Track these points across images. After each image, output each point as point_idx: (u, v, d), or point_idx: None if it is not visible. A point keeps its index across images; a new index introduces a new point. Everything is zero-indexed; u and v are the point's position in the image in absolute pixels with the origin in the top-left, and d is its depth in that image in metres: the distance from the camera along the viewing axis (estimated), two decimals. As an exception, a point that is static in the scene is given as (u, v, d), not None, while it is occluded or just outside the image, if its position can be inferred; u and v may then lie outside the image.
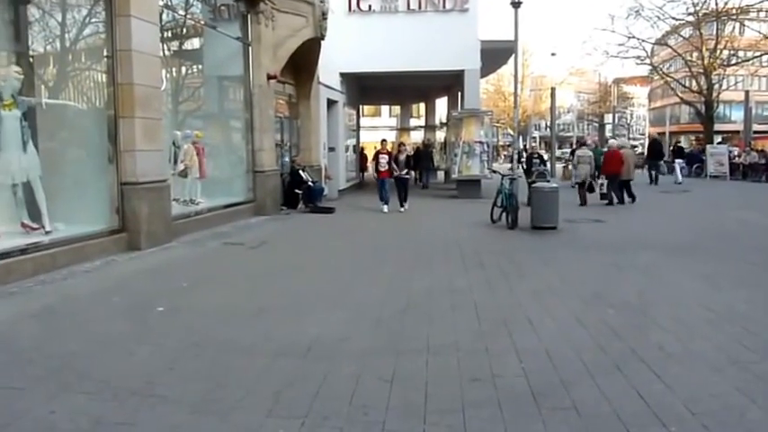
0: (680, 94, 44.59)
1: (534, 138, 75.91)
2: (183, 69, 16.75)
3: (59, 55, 11.61)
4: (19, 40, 10.19)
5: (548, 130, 75.67)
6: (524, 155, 25.08)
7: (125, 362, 5.49)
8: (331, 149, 24.05)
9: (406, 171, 19.04)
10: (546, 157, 28.67)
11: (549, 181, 16.78)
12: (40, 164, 9.91)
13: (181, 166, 14.75)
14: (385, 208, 18.24)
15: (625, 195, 20.34)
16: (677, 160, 33.09)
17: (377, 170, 18.97)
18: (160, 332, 6.37)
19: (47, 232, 9.91)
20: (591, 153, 21.63)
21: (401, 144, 19.69)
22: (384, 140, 19.42)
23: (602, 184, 20.77)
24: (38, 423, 4.27)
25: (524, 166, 21.49)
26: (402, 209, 18.40)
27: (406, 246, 12.11)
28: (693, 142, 52.55)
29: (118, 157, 11.09)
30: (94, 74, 11.66)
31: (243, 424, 4.28)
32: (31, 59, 10.59)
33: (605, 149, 23.20)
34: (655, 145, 34.10)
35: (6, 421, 4.30)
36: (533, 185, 15.02)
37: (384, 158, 18.68)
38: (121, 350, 5.79)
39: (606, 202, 20.04)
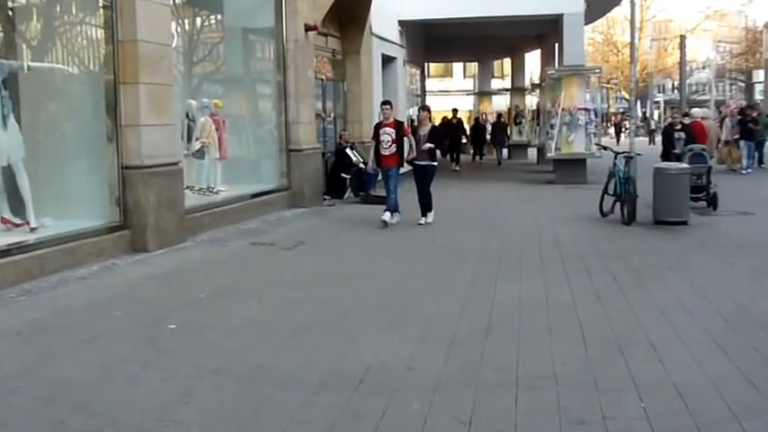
0: None
1: (657, 102, 74.63)
2: (199, 21, 17.00)
3: (45, 6, 11.86)
4: (-5, -11, 10.49)
5: (675, 92, 74.33)
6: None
7: (130, 392, 5.62)
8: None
9: (427, 153, 14.56)
10: None
11: (710, 168, 16.36)
12: (23, 143, 10.16)
13: (197, 145, 14.94)
14: (387, 217, 14.29)
15: None
16: None
17: (377, 154, 14.78)
18: (172, 356, 6.51)
19: (32, 229, 10.16)
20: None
21: (422, 109, 15.80)
22: (387, 104, 15.15)
23: None
24: (24, 469, 4.43)
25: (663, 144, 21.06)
26: (422, 221, 14.56)
27: (489, 245, 12.11)
28: None
29: (118, 133, 11.25)
30: (89, 29, 11.88)
31: (278, 475, 4.34)
32: (10, 12, 10.84)
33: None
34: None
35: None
36: (657, 167, 14.74)
37: (388, 135, 14.45)
38: (125, 378, 5.94)
39: None
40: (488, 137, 36.25)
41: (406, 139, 14.58)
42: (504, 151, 35.65)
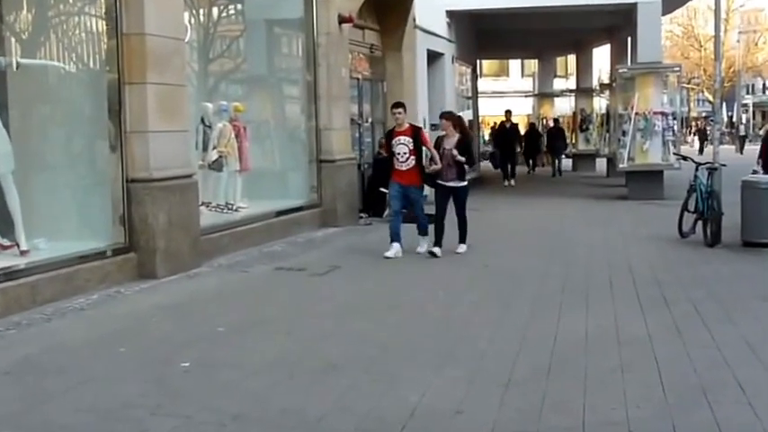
0: None
1: (745, 105, 74.06)
2: (216, 11, 17.09)
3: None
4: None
5: (767, 93, 73.79)
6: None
7: (136, 441, 5.64)
8: (434, 127, 24.06)
9: (456, 171, 13.72)
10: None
11: None
12: (12, 153, 10.22)
13: (214, 155, 14.96)
14: (391, 250, 13.52)
15: None
16: None
17: (391, 170, 14.15)
18: (186, 398, 6.51)
19: (23, 252, 10.19)
20: None
21: (446, 116, 14.50)
22: (399, 106, 14.09)
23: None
24: None
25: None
26: (460, 250, 13.80)
27: (550, 270, 12.09)
28: None
29: (123, 141, 11.29)
30: (88, 20, 11.98)
31: None
32: (-5, 0, 10.94)
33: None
34: None
35: None
36: (746, 180, 14.62)
37: (404, 146, 13.70)
38: (131, 425, 5.95)
39: None
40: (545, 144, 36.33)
41: (424, 148, 13.93)
42: (567, 162, 35.55)
